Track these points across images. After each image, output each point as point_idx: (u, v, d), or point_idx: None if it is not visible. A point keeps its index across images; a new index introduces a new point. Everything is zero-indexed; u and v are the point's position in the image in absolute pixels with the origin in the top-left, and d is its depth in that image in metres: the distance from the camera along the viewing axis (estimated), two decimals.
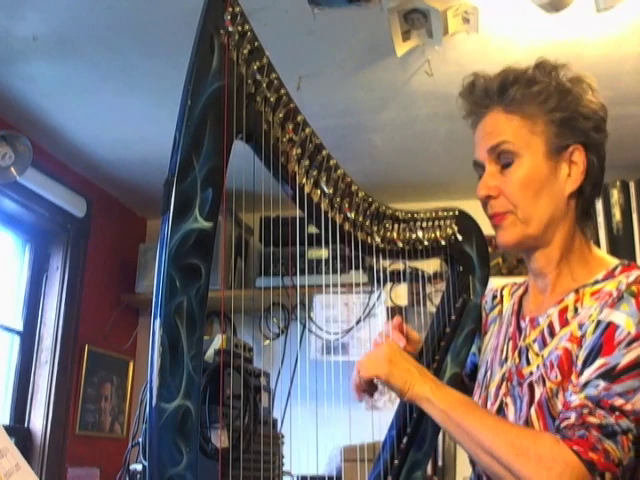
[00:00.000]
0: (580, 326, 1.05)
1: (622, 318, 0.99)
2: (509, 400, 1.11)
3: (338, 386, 1.61)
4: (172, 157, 0.97)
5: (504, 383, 1.14)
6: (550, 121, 1.12)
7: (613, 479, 0.95)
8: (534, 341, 1.12)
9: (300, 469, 1.86)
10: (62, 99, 2.46)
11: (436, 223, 1.30)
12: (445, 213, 1.31)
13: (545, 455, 0.95)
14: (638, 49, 2.13)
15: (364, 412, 2.93)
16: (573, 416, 0.97)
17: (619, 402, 0.95)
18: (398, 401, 1.31)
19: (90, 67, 2.26)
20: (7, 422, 2.68)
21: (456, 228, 1.30)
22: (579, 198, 1.14)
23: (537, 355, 1.10)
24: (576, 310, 1.08)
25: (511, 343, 1.18)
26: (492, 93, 1.15)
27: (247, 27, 1.04)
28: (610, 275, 1.09)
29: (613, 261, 1.14)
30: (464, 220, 1.31)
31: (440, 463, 2.68)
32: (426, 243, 1.29)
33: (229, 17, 1.02)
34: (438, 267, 2.72)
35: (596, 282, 1.09)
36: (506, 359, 1.17)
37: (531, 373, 1.09)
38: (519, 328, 1.18)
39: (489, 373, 1.21)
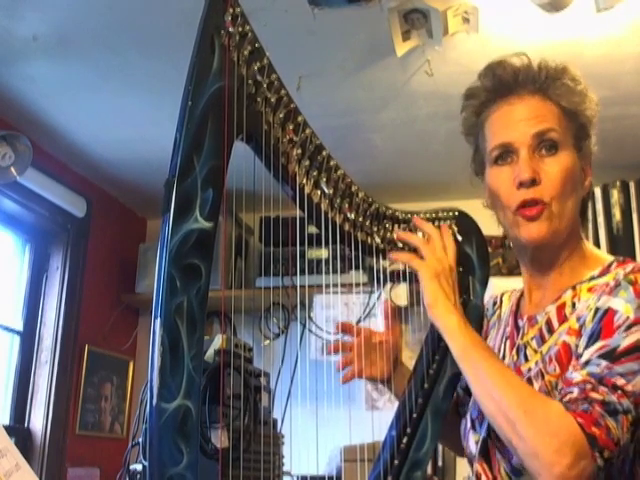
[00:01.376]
0: (578, 319, 1.05)
1: (620, 304, 0.99)
2: None
3: (338, 386, 1.61)
4: (173, 157, 0.97)
5: None
6: (581, 124, 1.13)
7: (609, 459, 0.94)
8: (532, 338, 1.12)
9: (300, 469, 1.86)
10: (62, 99, 2.46)
11: (436, 223, 1.30)
12: (445, 213, 1.31)
13: (552, 420, 0.94)
14: (638, 49, 2.13)
15: (364, 412, 2.95)
16: (576, 391, 0.96)
17: (621, 382, 0.95)
18: (398, 401, 1.31)
19: (90, 67, 2.26)
20: (7, 422, 2.68)
21: (456, 228, 1.30)
22: (583, 203, 1.16)
23: (535, 352, 1.10)
24: (574, 306, 1.08)
25: (509, 342, 1.18)
26: (539, 79, 1.12)
27: (248, 28, 1.04)
28: (606, 271, 1.10)
29: (608, 257, 1.14)
30: (464, 220, 1.31)
31: (440, 463, 2.68)
32: None
33: (230, 18, 1.02)
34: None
35: (592, 278, 1.10)
36: (503, 358, 1.17)
37: (529, 369, 1.09)
38: (517, 327, 1.19)
39: None
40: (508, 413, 0.97)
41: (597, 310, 1.01)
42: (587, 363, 0.98)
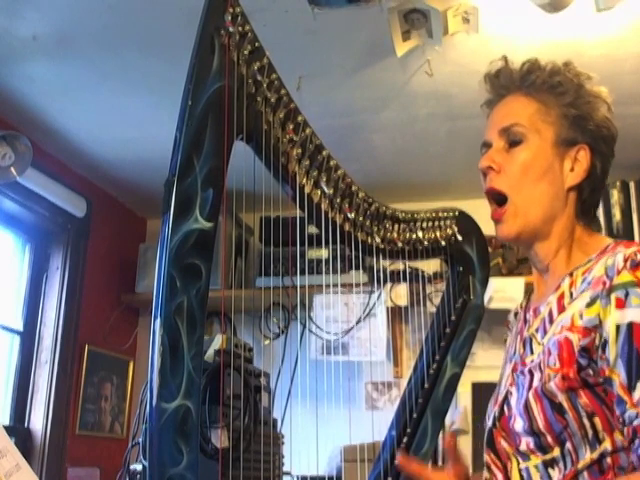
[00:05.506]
0: (580, 315, 1.03)
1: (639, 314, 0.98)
2: (513, 389, 1.11)
3: (338, 386, 1.61)
4: (173, 157, 0.97)
5: (511, 374, 1.14)
6: (563, 115, 1.15)
7: None
8: (537, 330, 1.12)
9: (300, 469, 1.85)
10: (62, 99, 2.46)
11: (436, 223, 1.30)
12: (445, 213, 1.32)
13: None
14: (638, 49, 2.13)
15: (364, 412, 2.94)
16: None
17: None
18: (398, 401, 1.31)
19: (90, 67, 2.26)
20: (7, 422, 2.68)
21: (456, 228, 1.31)
22: (578, 195, 1.15)
23: (539, 344, 1.10)
24: (571, 295, 1.08)
25: (519, 337, 1.18)
26: (516, 77, 1.18)
27: (248, 27, 1.04)
28: (603, 252, 1.09)
29: (608, 240, 1.14)
30: (464, 220, 1.31)
31: (440, 463, 2.68)
32: (426, 243, 1.30)
33: (230, 17, 1.02)
34: (438, 267, 2.73)
35: (589, 261, 1.09)
36: (514, 353, 1.17)
37: (532, 361, 1.09)
38: (525, 320, 1.19)
39: (502, 371, 1.21)
40: None
41: (618, 328, 0.98)
42: None
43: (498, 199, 1.14)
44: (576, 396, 1.00)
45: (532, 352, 1.11)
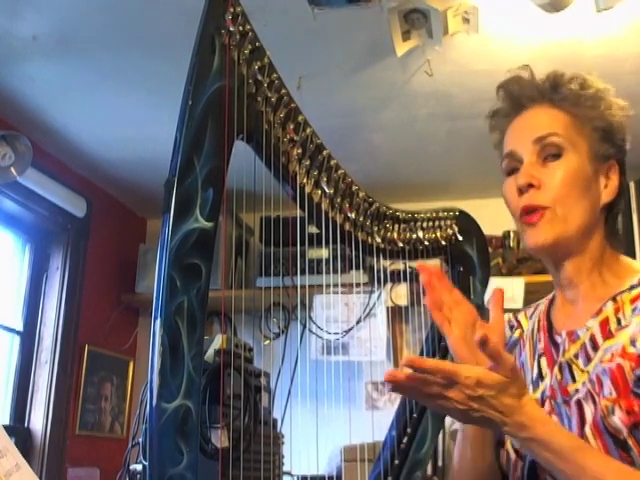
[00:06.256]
0: (632, 342, 0.99)
1: None
2: (555, 419, 1.04)
3: (338, 386, 1.61)
4: (173, 157, 0.97)
5: (547, 401, 1.08)
6: (596, 127, 1.11)
7: None
8: (576, 356, 1.06)
9: (300, 469, 1.86)
10: (62, 99, 2.46)
11: (436, 223, 1.30)
12: (445, 213, 1.32)
13: None
14: (638, 49, 2.13)
15: (364, 412, 2.94)
16: None
17: None
18: (398, 401, 1.31)
19: (90, 67, 2.26)
20: (7, 422, 2.68)
21: (456, 228, 1.31)
22: (609, 213, 1.13)
23: (582, 372, 1.05)
24: (619, 322, 1.03)
25: (544, 359, 1.12)
26: (544, 89, 1.13)
27: (248, 27, 1.04)
28: None
29: None
30: (464, 220, 1.31)
31: (440, 463, 2.68)
32: (426, 243, 1.30)
33: (230, 17, 1.02)
34: (438, 267, 2.73)
35: (632, 287, 1.06)
36: (540, 376, 1.12)
37: (577, 390, 1.04)
38: (554, 343, 1.12)
39: None
40: None
41: None
42: None
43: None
44: (638, 431, 0.95)
45: (574, 380, 1.05)
